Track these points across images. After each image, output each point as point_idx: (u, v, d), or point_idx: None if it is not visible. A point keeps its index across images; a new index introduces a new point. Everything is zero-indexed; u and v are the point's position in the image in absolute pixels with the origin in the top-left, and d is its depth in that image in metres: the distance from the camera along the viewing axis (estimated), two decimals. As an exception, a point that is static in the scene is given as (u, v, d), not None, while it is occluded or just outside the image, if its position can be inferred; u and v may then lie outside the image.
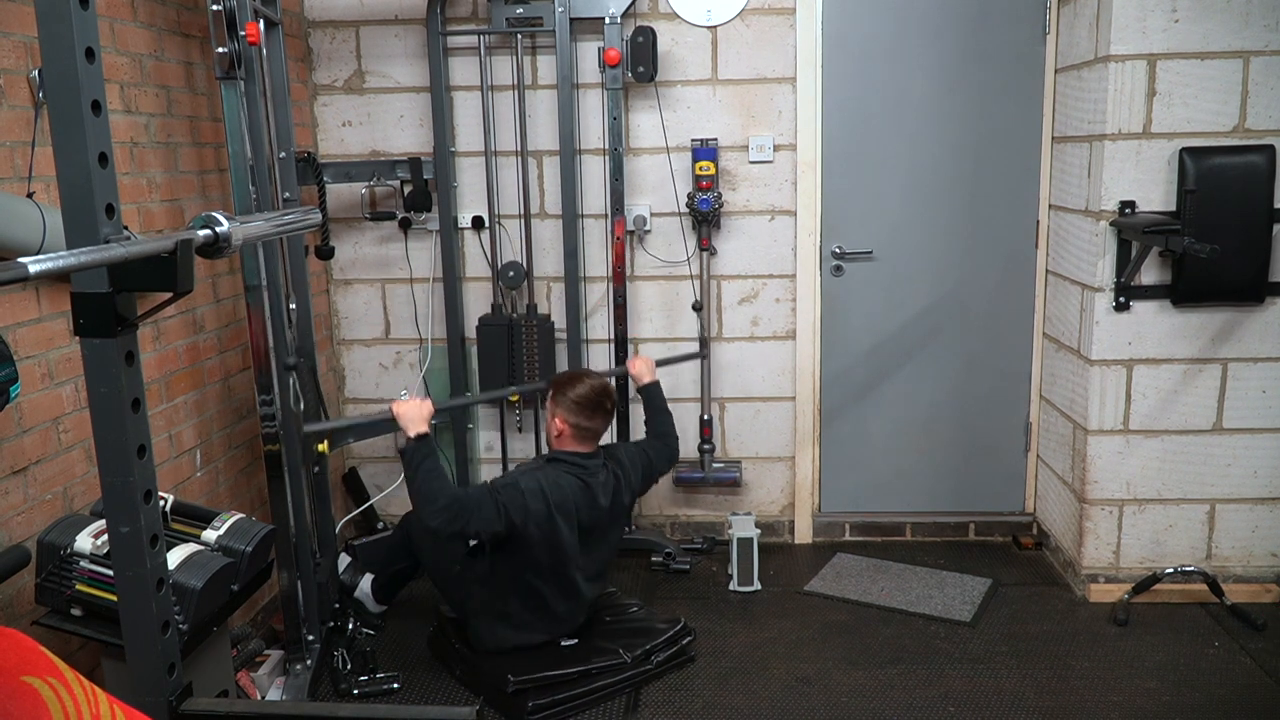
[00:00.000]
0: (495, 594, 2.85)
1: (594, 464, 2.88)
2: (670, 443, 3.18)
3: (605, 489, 2.87)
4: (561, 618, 2.88)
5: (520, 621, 2.84)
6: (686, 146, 3.63)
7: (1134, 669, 2.91)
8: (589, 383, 2.88)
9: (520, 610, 2.84)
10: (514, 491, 2.71)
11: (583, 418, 2.85)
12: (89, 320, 1.46)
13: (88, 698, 1.19)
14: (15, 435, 2.15)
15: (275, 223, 1.88)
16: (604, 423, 2.90)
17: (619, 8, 3.43)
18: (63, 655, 1.50)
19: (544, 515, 2.73)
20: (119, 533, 1.58)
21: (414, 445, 2.65)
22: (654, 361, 3.30)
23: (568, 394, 2.85)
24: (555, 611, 2.86)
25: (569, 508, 2.78)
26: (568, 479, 2.81)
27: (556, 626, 2.88)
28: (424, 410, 2.72)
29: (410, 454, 2.65)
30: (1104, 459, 3.27)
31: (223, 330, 3.07)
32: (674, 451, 3.19)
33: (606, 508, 2.87)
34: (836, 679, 2.90)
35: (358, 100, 3.70)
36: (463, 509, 2.62)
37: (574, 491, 2.80)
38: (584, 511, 2.82)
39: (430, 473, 2.62)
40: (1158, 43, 3.01)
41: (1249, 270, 3.06)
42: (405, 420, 2.70)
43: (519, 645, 2.85)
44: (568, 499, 2.78)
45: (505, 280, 3.66)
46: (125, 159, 2.59)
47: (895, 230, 3.71)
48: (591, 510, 2.83)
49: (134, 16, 2.65)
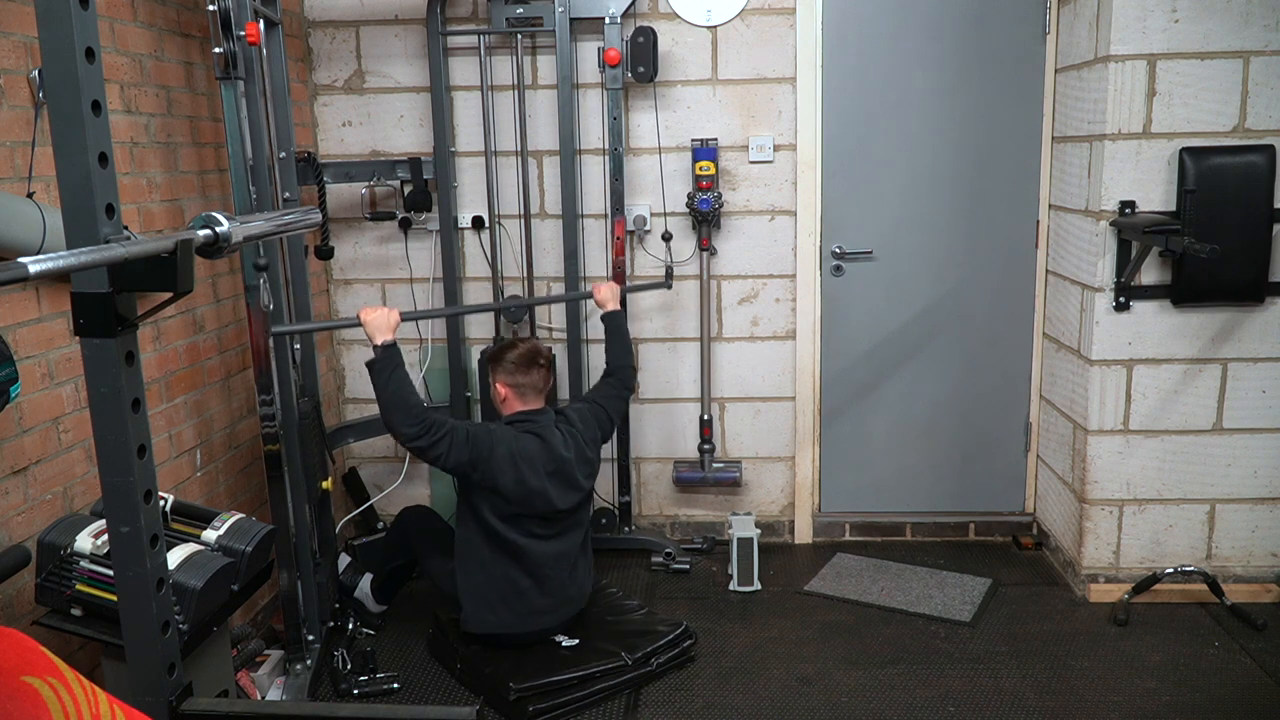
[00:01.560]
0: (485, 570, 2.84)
1: (544, 419, 2.92)
2: (624, 374, 3.20)
3: (564, 442, 2.90)
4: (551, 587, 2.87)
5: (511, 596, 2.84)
6: (686, 146, 3.63)
7: (1134, 669, 2.91)
8: (519, 345, 2.99)
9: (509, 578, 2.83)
10: (480, 428, 2.81)
11: (519, 374, 2.93)
12: (89, 320, 1.46)
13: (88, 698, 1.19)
14: (15, 435, 2.15)
15: (275, 223, 1.88)
16: (541, 376, 2.97)
17: (619, 8, 3.43)
18: (63, 655, 1.50)
19: (508, 460, 2.77)
20: (119, 533, 1.58)
21: (382, 355, 2.70)
22: (619, 288, 3.30)
23: (502, 360, 2.96)
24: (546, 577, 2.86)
25: (532, 459, 2.81)
26: (525, 436, 2.85)
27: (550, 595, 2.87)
28: (391, 319, 2.75)
29: (380, 364, 2.69)
30: (1104, 459, 3.27)
31: (223, 330, 3.07)
32: (628, 382, 3.21)
33: (571, 457, 2.89)
34: (836, 679, 2.90)
35: (358, 100, 3.70)
36: (434, 422, 2.71)
37: (534, 446, 2.84)
38: (548, 461, 2.84)
39: (402, 381, 2.70)
40: (1158, 43, 3.01)
41: (1249, 270, 3.06)
42: (372, 328, 2.72)
43: (512, 630, 2.84)
44: (530, 450, 2.82)
45: (507, 315, 3.67)
46: (125, 159, 2.59)
47: (895, 230, 3.71)
48: (554, 459, 2.86)
49: (134, 16, 2.65)
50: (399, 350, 2.73)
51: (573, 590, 2.94)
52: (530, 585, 2.85)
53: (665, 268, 3.66)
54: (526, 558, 2.84)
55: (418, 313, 3.40)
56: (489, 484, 2.78)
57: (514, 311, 3.65)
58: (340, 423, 3.78)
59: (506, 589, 2.84)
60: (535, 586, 2.86)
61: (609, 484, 3.82)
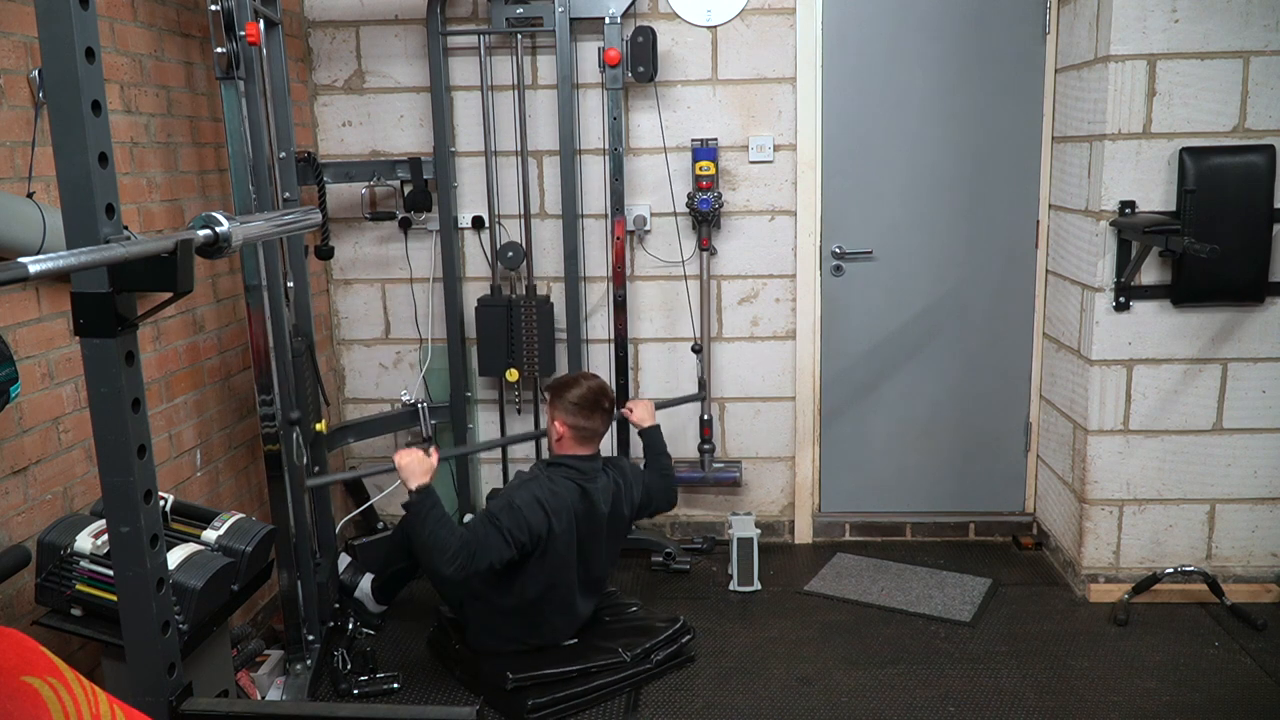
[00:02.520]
0: (493, 605, 2.84)
1: (593, 468, 2.88)
2: (670, 484, 3.16)
3: (604, 494, 2.87)
4: (557, 627, 2.88)
5: (516, 630, 2.84)
6: (686, 146, 3.63)
7: (1134, 669, 2.91)
8: (585, 384, 2.90)
9: (515, 619, 2.83)
10: (513, 514, 2.69)
11: (581, 418, 2.86)
12: (89, 320, 1.46)
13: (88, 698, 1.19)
14: (15, 435, 2.15)
15: (275, 223, 1.88)
16: (603, 422, 2.91)
17: (619, 8, 3.43)
18: (63, 655, 1.50)
19: (542, 523, 2.72)
20: (119, 533, 1.58)
21: (418, 498, 2.60)
22: (653, 405, 3.27)
23: (565, 396, 2.87)
24: (550, 621, 2.86)
25: (566, 513, 2.78)
26: (565, 484, 2.81)
27: (552, 635, 2.88)
28: (426, 464, 2.67)
29: (415, 507, 2.60)
30: (1104, 459, 3.27)
31: (223, 330, 3.07)
32: (673, 494, 3.18)
33: (605, 514, 2.87)
34: (836, 679, 2.90)
35: (358, 100, 3.70)
36: (472, 553, 2.60)
37: (572, 498, 2.80)
38: (582, 518, 2.82)
39: (438, 523, 2.58)
40: (1158, 43, 3.01)
41: (1249, 270, 3.06)
42: (406, 473, 2.64)
43: (515, 651, 2.85)
44: (564, 505, 2.78)
45: (504, 261, 3.65)
46: (125, 159, 2.59)
47: (895, 230, 3.71)
48: (589, 516, 2.83)
49: (134, 16, 2.65)
50: (434, 492, 2.64)
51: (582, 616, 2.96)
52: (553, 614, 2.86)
53: (699, 380, 3.67)
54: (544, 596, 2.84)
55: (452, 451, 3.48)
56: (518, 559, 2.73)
57: (510, 259, 3.62)
58: (340, 423, 3.78)
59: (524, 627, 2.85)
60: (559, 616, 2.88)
61: (609, 484, 3.82)
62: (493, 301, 3.67)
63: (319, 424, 3.09)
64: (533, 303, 3.62)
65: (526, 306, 3.62)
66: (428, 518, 2.58)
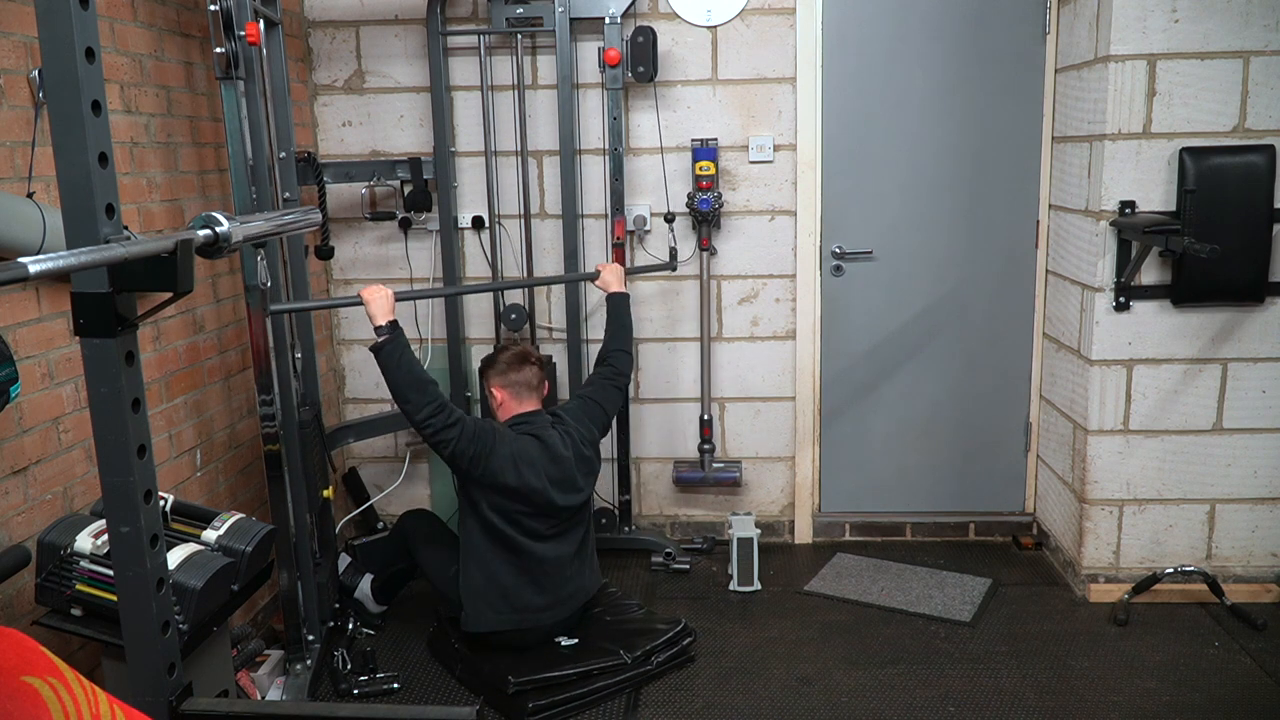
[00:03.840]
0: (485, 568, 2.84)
1: (540, 419, 2.93)
2: (620, 360, 3.17)
3: (563, 442, 2.91)
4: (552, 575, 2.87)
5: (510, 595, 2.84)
6: (686, 146, 3.63)
7: (1134, 669, 2.91)
8: (509, 348, 3.02)
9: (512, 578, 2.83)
10: (485, 425, 2.81)
11: (511, 373, 2.94)
12: (89, 320, 1.46)
13: (88, 698, 1.19)
14: (15, 435, 2.15)
15: (275, 223, 1.88)
16: (534, 374, 2.97)
17: (619, 8, 3.43)
18: (63, 655, 1.50)
19: (509, 460, 2.77)
20: (119, 533, 1.58)
21: (388, 336, 2.68)
22: (623, 271, 3.29)
23: (493, 365, 2.98)
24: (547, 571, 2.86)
25: (532, 460, 2.81)
26: (523, 438, 2.85)
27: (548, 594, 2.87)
28: (392, 299, 2.73)
29: (387, 347, 2.67)
30: (1104, 459, 3.27)
31: (223, 330, 3.07)
32: (624, 369, 3.18)
33: (570, 456, 2.89)
34: (836, 679, 2.90)
35: (358, 100, 3.70)
36: (448, 406, 2.71)
37: (533, 447, 2.84)
38: (548, 463, 2.84)
39: (412, 363, 2.69)
40: (1158, 43, 3.01)
41: (1249, 270, 3.06)
42: (374, 306, 2.70)
43: (510, 629, 2.84)
44: (529, 452, 2.82)
45: (507, 324, 3.67)
46: (125, 159, 2.59)
47: (895, 230, 3.71)
48: (554, 459, 2.86)
49: (134, 16, 2.65)
50: (403, 329, 2.72)
51: (571, 589, 2.94)
52: (528, 583, 2.85)
53: (669, 249, 3.63)
54: (526, 556, 2.84)
55: (414, 292, 3.42)
56: (489, 481, 2.77)
57: (514, 320, 3.65)
58: (340, 423, 3.78)
59: (505, 587, 2.84)
60: (533, 584, 2.86)
61: (609, 484, 3.82)
62: None
63: (326, 490, 3.09)
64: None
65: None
66: (403, 357, 2.68)
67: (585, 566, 3.00)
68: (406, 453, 3.92)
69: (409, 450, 3.92)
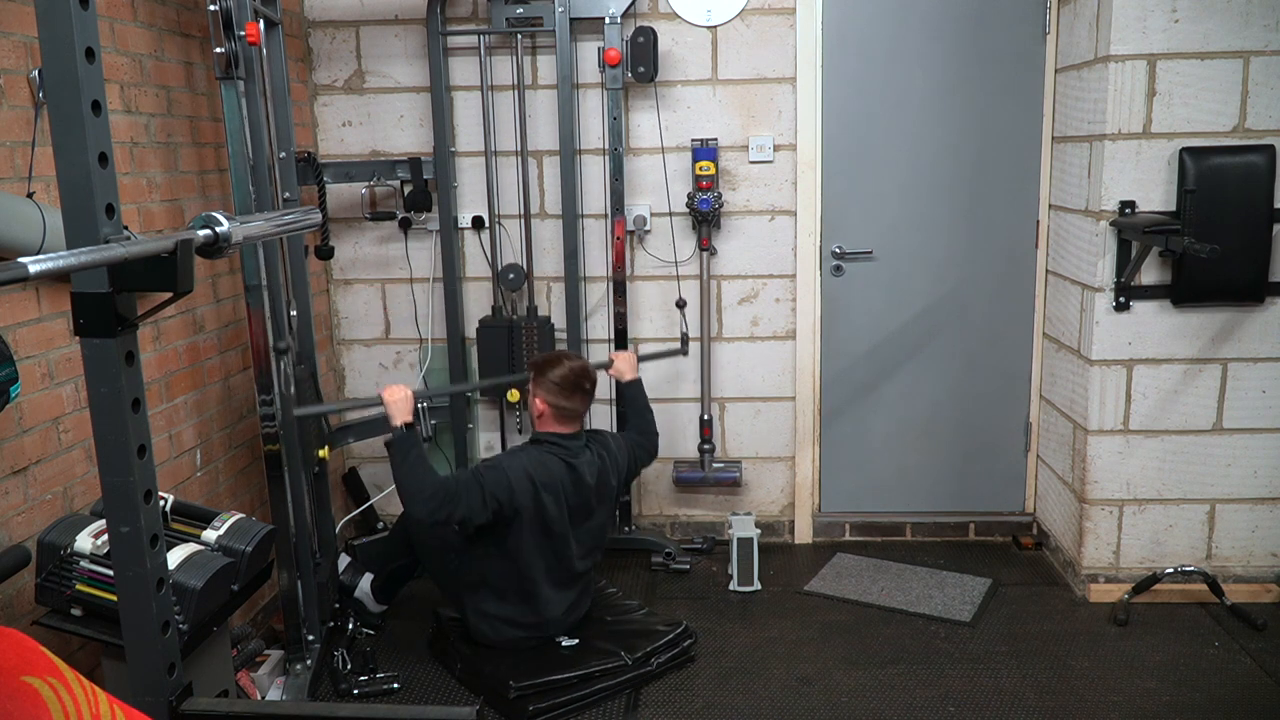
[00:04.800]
0: (490, 582, 2.85)
1: (576, 445, 2.90)
2: (651, 440, 3.21)
3: (590, 468, 2.89)
4: (553, 600, 2.88)
5: (515, 609, 2.84)
6: (686, 146, 3.63)
7: (1134, 669, 2.91)
8: (568, 364, 2.91)
9: (515, 596, 2.84)
10: (498, 473, 2.74)
11: (562, 398, 2.88)
12: (89, 320, 1.46)
13: (88, 698, 1.19)
14: (15, 435, 2.15)
15: (275, 223, 1.88)
16: (583, 403, 2.93)
17: (619, 8, 3.43)
18: (63, 655, 1.50)
19: (530, 493, 2.75)
20: (119, 533, 1.58)
21: (401, 435, 2.69)
22: (635, 358, 3.30)
23: (547, 375, 2.89)
24: (548, 595, 2.86)
25: (555, 486, 2.80)
26: (551, 459, 2.83)
27: (550, 609, 2.88)
28: (412, 401, 2.75)
29: (398, 444, 2.68)
30: (1104, 459, 3.27)
31: (223, 330, 3.07)
32: (655, 448, 3.22)
33: (593, 486, 2.89)
34: (836, 679, 2.90)
35: (358, 100, 3.70)
36: (449, 496, 2.66)
37: (559, 471, 2.82)
38: (570, 490, 2.84)
39: (417, 461, 2.67)
40: (1158, 43, 3.01)
41: (1249, 270, 3.06)
42: (393, 409, 2.72)
43: (515, 638, 2.85)
44: (554, 478, 2.80)
45: (506, 283, 3.66)
46: (125, 159, 2.59)
47: (895, 230, 3.71)
48: (578, 489, 2.85)
49: (134, 16, 2.65)
50: (418, 430, 2.73)
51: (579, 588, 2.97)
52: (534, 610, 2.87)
53: (681, 334, 3.65)
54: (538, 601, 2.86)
55: (432, 390, 3.52)
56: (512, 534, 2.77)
57: (512, 280, 3.63)
58: (340, 423, 3.77)
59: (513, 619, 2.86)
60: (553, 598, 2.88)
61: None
62: (494, 323, 3.67)
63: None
64: (534, 324, 3.63)
65: (528, 328, 3.62)
66: (409, 455, 2.67)
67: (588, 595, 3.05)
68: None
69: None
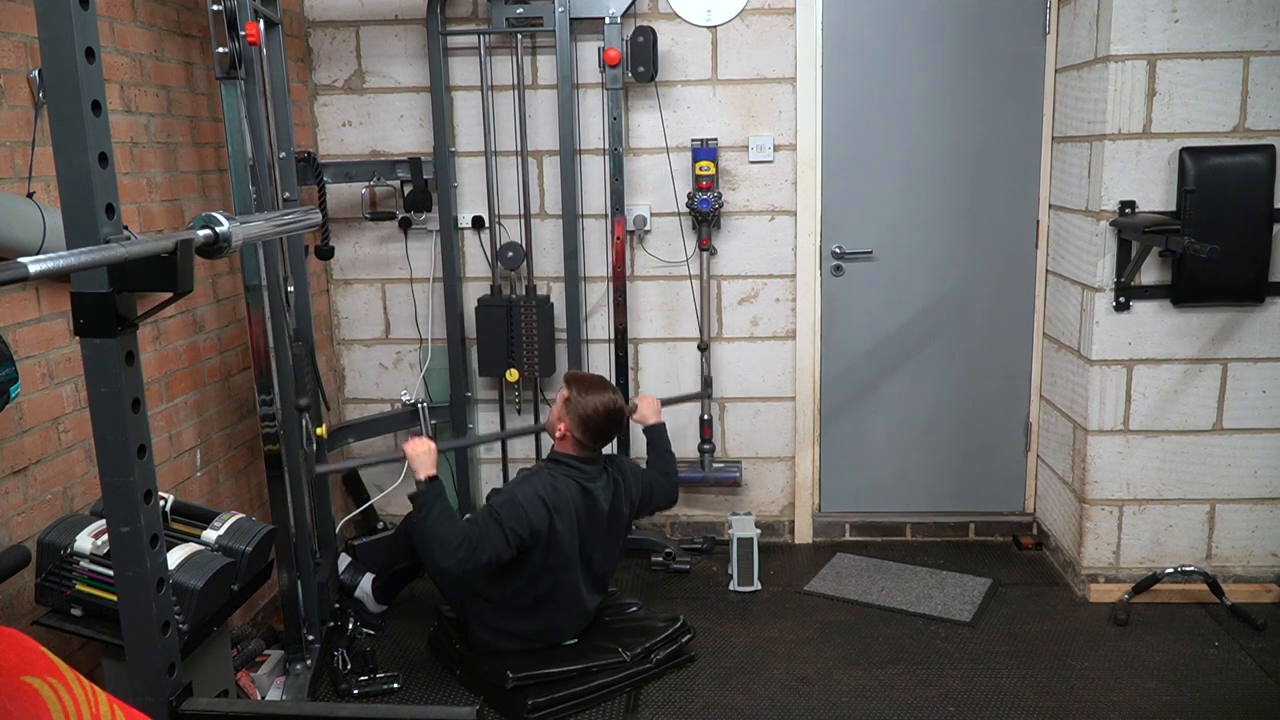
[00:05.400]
0: (498, 604, 2.84)
1: (593, 470, 2.88)
2: (672, 482, 3.17)
3: (604, 493, 2.88)
4: (563, 624, 2.88)
5: (520, 627, 2.84)
6: (686, 146, 3.63)
7: (1134, 669, 2.91)
8: (603, 403, 2.82)
9: (522, 617, 2.83)
10: (514, 509, 2.70)
11: (587, 436, 2.84)
12: (89, 320, 1.46)
13: (88, 698, 1.19)
14: (15, 435, 2.15)
15: (275, 223, 1.88)
16: (606, 444, 2.92)
17: (619, 8, 3.43)
18: (63, 655, 1.50)
19: (544, 519, 2.73)
20: (119, 533, 1.58)
21: (426, 489, 2.66)
22: (659, 402, 3.27)
23: (582, 404, 2.82)
24: (556, 619, 2.86)
25: (568, 510, 2.78)
26: (566, 482, 2.81)
27: (556, 634, 2.88)
28: (434, 454, 2.72)
29: (424, 497, 2.65)
30: (1104, 459, 3.27)
31: (223, 330, 3.07)
32: (674, 491, 3.18)
33: (606, 512, 2.87)
34: (836, 679, 2.90)
35: (358, 100, 3.70)
36: (474, 546, 2.62)
37: (573, 494, 2.80)
38: (583, 514, 2.82)
39: (442, 514, 2.63)
40: (1158, 43, 3.01)
41: (1249, 270, 3.06)
42: (417, 463, 2.69)
43: (515, 649, 2.85)
44: (566, 502, 2.78)
45: (504, 261, 3.65)
46: (125, 159, 2.59)
47: (895, 230, 3.71)
48: (591, 513, 2.84)
49: (134, 16, 2.65)
50: (442, 483, 2.69)
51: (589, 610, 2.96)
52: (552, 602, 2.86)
53: (703, 379, 3.67)
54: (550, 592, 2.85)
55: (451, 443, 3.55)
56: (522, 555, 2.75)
57: (511, 259, 3.62)
58: (340, 423, 3.78)
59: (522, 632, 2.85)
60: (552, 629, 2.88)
61: (609, 484, 3.82)
62: (493, 301, 3.67)
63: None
64: (533, 302, 3.62)
65: (526, 306, 3.62)
66: (433, 508, 2.63)
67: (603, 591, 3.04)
68: (406, 453, 3.92)
69: None
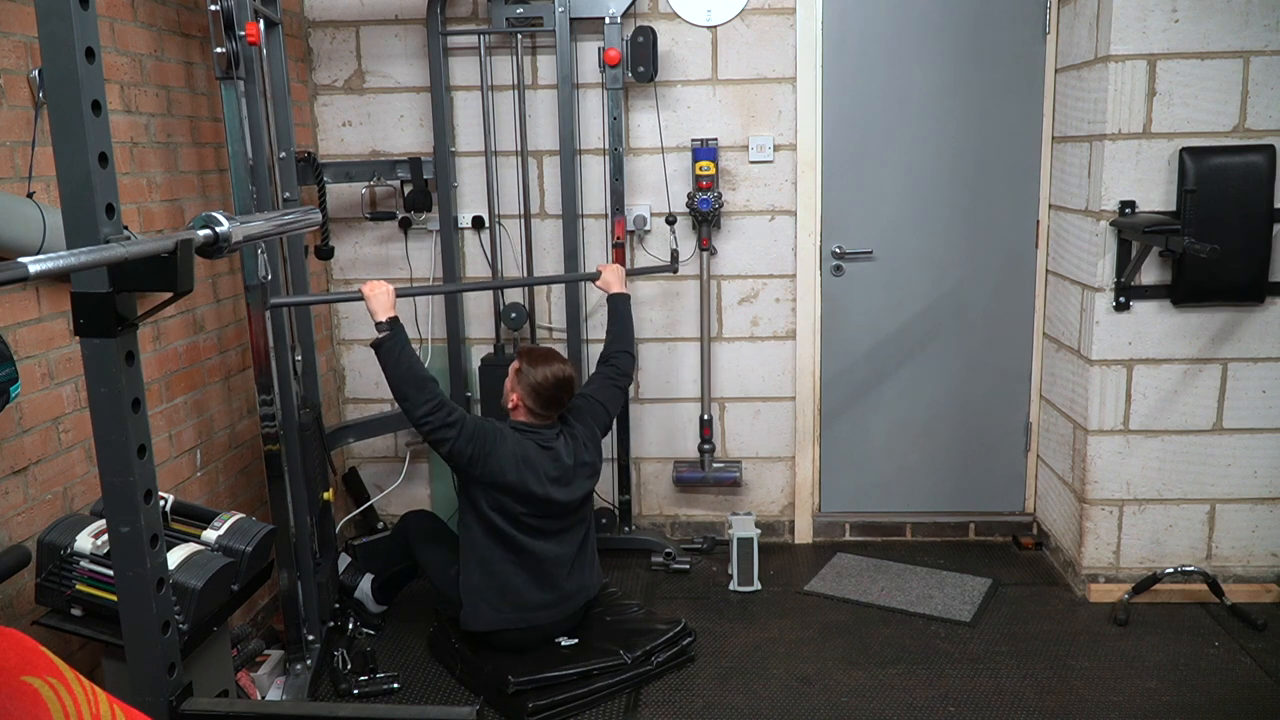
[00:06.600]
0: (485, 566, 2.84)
1: (549, 432, 2.92)
2: (623, 361, 3.16)
3: (566, 449, 2.91)
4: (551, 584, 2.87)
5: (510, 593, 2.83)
6: (686, 146, 3.63)
7: (1134, 669, 2.91)
8: (553, 372, 2.87)
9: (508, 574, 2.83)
10: (487, 425, 2.78)
11: (538, 405, 2.89)
12: (89, 320, 1.46)
13: (88, 698, 1.19)
14: (15, 435, 2.15)
15: (275, 223, 1.88)
16: (557, 413, 2.94)
17: (619, 8, 3.43)
18: (63, 655, 1.50)
19: (512, 459, 2.76)
20: (119, 533, 1.58)
21: (389, 333, 2.67)
22: (624, 271, 3.28)
23: (532, 375, 2.87)
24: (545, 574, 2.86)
25: (535, 464, 2.82)
26: (528, 443, 2.85)
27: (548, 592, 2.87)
28: (392, 295, 2.73)
29: (387, 343, 2.67)
30: (1104, 459, 3.27)
31: (223, 330, 3.07)
32: (626, 369, 3.17)
33: (571, 465, 2.89)
34: (836, 679, 2.90)
35: (358, 100, 3.70)
36: (448, 404, 2.71)
37: (536, 452, 2.84)
38: (549, 467, 2.85)
39: (412, 357, 2.68)
40: (1158, 43, 3.01)
41: (1249, 270, 3.06)
42: (374, 303, 2.70)
43: (510, 628, 2.84)
44: (532, 457, 2.82)
45: (508, 322, 3.66)
46: (125, 159, 2.59)
47: (895, 230, 3.71)
48: (556, 465, 2.86)
49: (134, 16, 2.65)
50: (402, 325, 2.71)
51: (572, 587, 2.94)
52: (529, 581, 2.85)
53: (671, 251, 3.63)
54: (526, 554, 2.84)
55: (415, 289, 3.44)
56: (489, 479, 2.77)
57: (514, 319, 3.65)
58: (340, 423, 3.78)
59: (505, 585, 2.84)
60: (534, 583, 2.86)
61: (609, 484, 3.82)
62: (496, 361, 3.66)
63: (326, 493, 3.09)
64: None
65: None
66: (402, 354, 2.67)
67: (586, 565, 3.00)
68: (406, 452, 3.92)
69: (409, 450, 3.92)
